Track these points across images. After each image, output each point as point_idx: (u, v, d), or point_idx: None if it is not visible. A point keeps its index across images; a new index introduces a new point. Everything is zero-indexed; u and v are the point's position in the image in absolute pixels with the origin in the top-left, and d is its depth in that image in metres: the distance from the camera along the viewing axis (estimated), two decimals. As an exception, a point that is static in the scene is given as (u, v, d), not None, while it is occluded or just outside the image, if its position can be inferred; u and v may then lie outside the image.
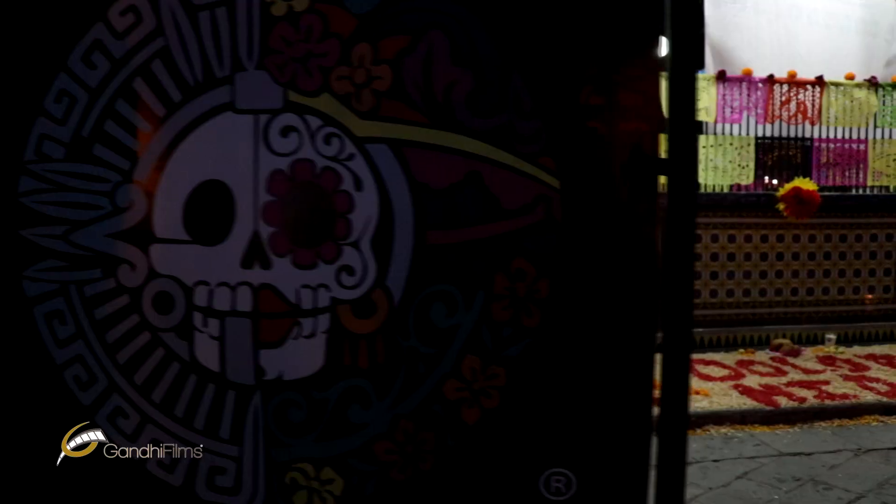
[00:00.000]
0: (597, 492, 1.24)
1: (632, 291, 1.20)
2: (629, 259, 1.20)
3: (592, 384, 1.22)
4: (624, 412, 1.22)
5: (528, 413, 1.23)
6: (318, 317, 1.27)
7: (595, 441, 1.23)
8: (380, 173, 1.24)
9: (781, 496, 3.10)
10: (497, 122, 1.21)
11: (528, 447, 1.24)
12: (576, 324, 1.22)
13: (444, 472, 1.26)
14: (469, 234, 1.22)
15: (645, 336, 1.21)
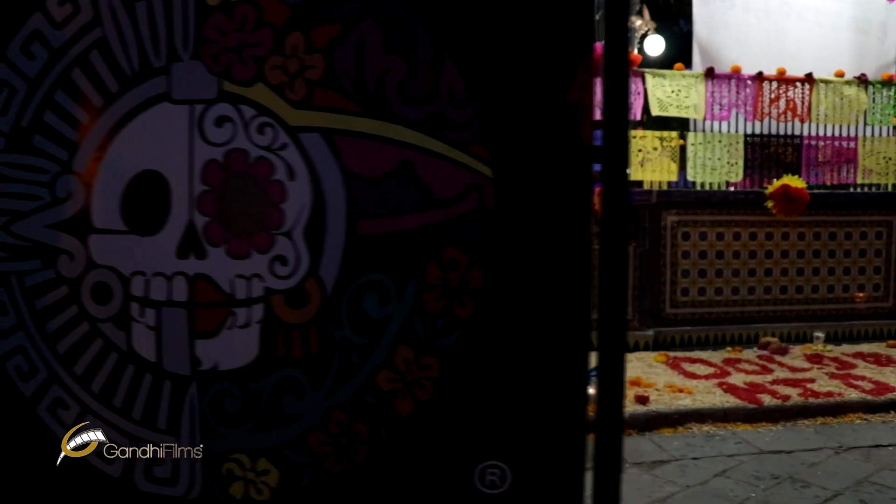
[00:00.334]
0: (532, 486, 1.23)
1: (566, 282, 1.19)
2: (563, 249, 1.19)
3: (527, 376, 1.21)
4: (559, 406, 1.21)
5: (463, 405, 1.23)
6: (252, 307, 1.27)
7: (530, 434, 1.22)
8: (312, 163, 1.24)
9: (758, 494, 3.09)
10: (429, 111, 1.20)
11: (463, 439, 1.23)
12: (510, 315, 1.21)
13: (378, 464, 1.25)
14: (401, 224, 1.22)
15: (579, 328, 1.20)
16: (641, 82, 5.32)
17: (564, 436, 1.22)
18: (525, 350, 1.21)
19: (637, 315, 5.31)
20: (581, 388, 1.21)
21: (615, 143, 1.16)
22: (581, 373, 1.21)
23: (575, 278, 1.19)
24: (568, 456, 1.22)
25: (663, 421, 3.86)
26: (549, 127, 1.18)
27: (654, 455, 3.51)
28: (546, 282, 1.20)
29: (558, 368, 1.21)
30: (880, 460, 3.45)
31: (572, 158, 1.18)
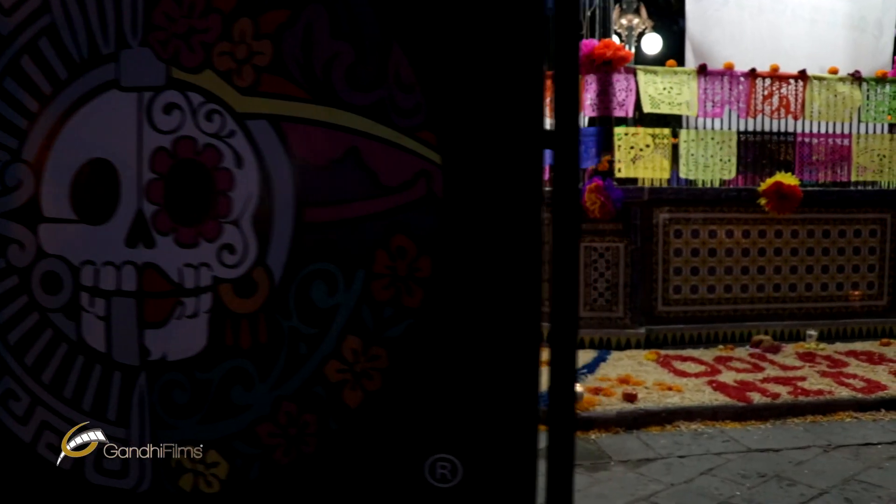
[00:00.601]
0: (484, 479, 1.21)
1: (517, 272, 1.17)
2: (514, 238, 1.17)
3: (477, 368, 1.19)
4: (510, 398, 1.19)
5: (412, 397, 1.20)
6: (201, 296, 1.25)
7: (481, 427, 1.20)
8: (260, 150, 1.22)
9: (744, 492, 3.06)
10: (377, 96, 1.18)
11: (412, 432, 1.21)
12: (459, 305, 1.19)
13: (327, 456, 1.23)
14: (348, 212, 1.20)
15: (530, 319, 1.18)
16: (633, 79, 5.30)
17: (516, 429, 1.19)
18: (475, 341, 1.19)
19: (628, 313, 5.28)
20: (532, 380, 1.19)
21: (566, 127, 1.13)
22: (532, 365, 1.19)
23: (526, 268, 1.17)
24: (520, 449, 1.20)
25: (651, 419, 3.82)
26: (500, 112, 1.16)
27: (641, 453, 3.48)
28: (496, 271, 1.18)
29: (509, 360, 1.19)
30: (869, 458, 3.42)
31: (523, 144, 1.16)
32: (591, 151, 5.29)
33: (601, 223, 5.22)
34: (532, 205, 1.16)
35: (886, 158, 5.67)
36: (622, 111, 5.31)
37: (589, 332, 5.27)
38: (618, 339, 5.24)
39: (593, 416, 3.77)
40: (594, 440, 3.65)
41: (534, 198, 1.17)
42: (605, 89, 5.22)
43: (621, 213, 5.18)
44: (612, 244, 5.26)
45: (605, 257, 5.28)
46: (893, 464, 3.35)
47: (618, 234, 5.25)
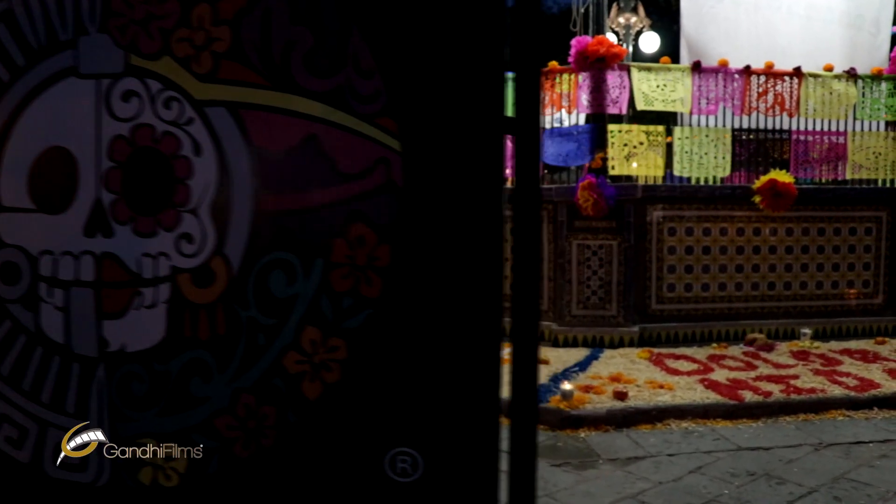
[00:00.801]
0: (445, 474, 1.18)
1: (478, 261, 1.15)
2: (475, 226, 1.15)
3: (437, 360, 1.17)
4: (471, 391, 1.17)
5: (371, 389, 1.18)
6: (159, 286, 1.23)
7: (442, 421, 1.17)
8: (218, 138, 1.20)
9: (732, 491, 3.03)
10: (336, 83, 1.16)
11: (372, 425, 1.19)
12: (419, 295, 1.16)
13: (286, 449, 1.21)
14: (307, 200, 1.18)
15: (492, 310, 1.16)
16: (627, 76, 5.27)
17: (478, 423, 1.17)
18: (436, 332, 1.16)
19: (622, 311, 5.26)
20: (493, 373, 1.16)
21: (527, 113, 1.11)
22: (493, 357, 1.16)
23: (487, 257, 1.15)
24: (482, 443, 1.17)
25: (641, 417, 3.80)
26: (460, 98, 1.14)
27: (630, 451, 3.46)
28: (457, 261, 1.15)
29: (470, 352, 1.16)
30: (860, 457, 3.39)
31: (484, 131, 1.14)
32: (585, 149, 5.27)
33: (594, 221, 5.19)
34: (493, 193, 1.14)
35: (882, 156, 5.64)
36: (616, 108, 5.29)
37: (582, 331, 5.25)
38: (611, 338, 5.21)
39: (583, 415, 3.75)
40: (583, 438, 3.63)
41: (495, 185, 1.15)
42: (598, 86, 5.20)
43: (615, 211, 5.15)
44: (605, 242, 5.24)
45: (598, 255, 5.25)
46: (884, 462, 3.32)
47: (611, 232, 5.22)
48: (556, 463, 3.31)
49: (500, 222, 1.14)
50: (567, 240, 5.28)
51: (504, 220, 1.15)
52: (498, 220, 1.14)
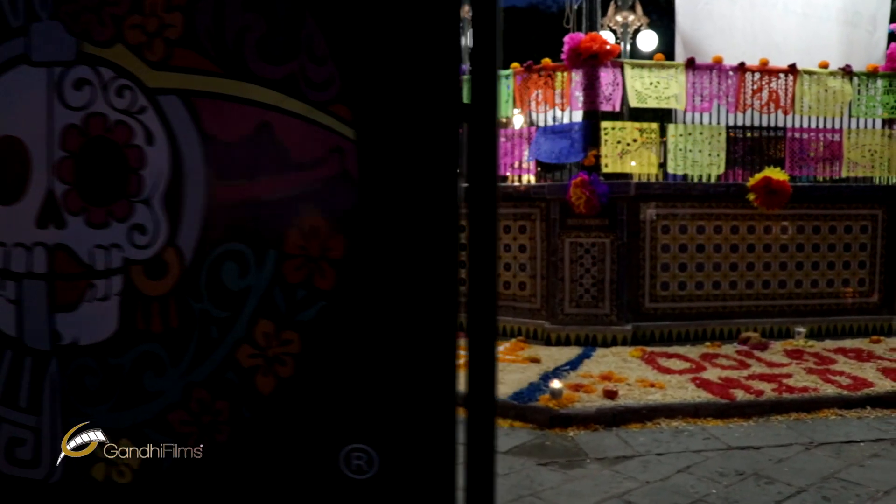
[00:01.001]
0: (401, 471, 1.15)
1: (433, 253, 1.12)
2: (430, 216, 1.12)
3: (392, 355, 1.14)
4: (427, 386, 1.14)
5: (325, 383, 1.15)
6: (112, 278, 1.21)
7: (397, 417, 1.14)
8: (171, 127, 1.17)
9: (720, 490, 2.99)
10: (289, 69, 1.14)
11: (327, 421, 1.16)
12: (373, 287, 1.14)
13: (240, 445, 1.18)
14: (260, 190, 1.15)
15: (448, 303, 1.13)
16: (620, 73, 5.24)
17: (434, 418, 1.14)
18: (390, 326, 1.13)
19: (615, 309, 5.22)
20: (450, 368, 1.14)
21: (483, 99, 1.08)
22: (449, 352, 1.13)
23: (442, 248, 1.12)
24: (438, 439, 1.14)
25: (631, 416, 3.76)
26: (415, 84, 1.11)
27: (618, 450, 3.42)
28: (412, 252, 1.12)
29: (426, 346, 1.13)
30: (850, 456, 3.35)
31: (439, 118, 1.11)
32: (578, 146, 5.23)
33: (587, 218, 5.16)
34: (449, 182, 1.11)
35: (878, 154, 5.59)
36: (609, 105, 5.25)
37: (575, 329, 5.21)
38: (604, 336, 5.18)
39: (572, 413, 3.72)
40: (572, 437, 3.60)
41: (450, 175, 1.12)
42: (591, 83, 5.16)
43: (607, 209, 5.11)
44: (598, 240, 5.20)
45: (590, 253, 5.22)
46: (875, 461, 3.28)
47: (604, 230, 5.19)
48: (543, 462, 3.27)
49: (456, 212, 1.11)
50: (560, 238, 5.24)
51: (460, 210, 1.12)
52: (454, 210, 1.11)
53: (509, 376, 4.34)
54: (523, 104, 5.49)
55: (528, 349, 5.05)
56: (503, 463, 3.27)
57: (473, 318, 1.11)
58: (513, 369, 4.50)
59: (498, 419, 3.84)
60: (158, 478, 1.22)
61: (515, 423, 3.75)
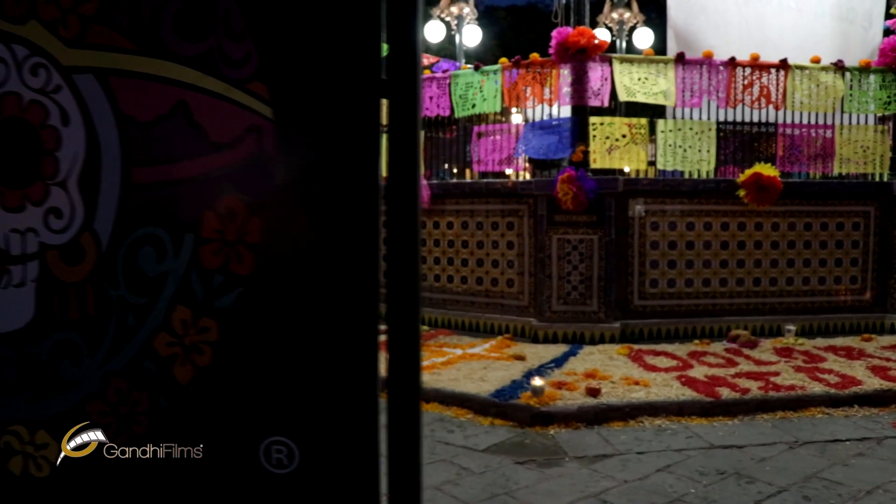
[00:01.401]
0: (323, 465, 1.11)
1: (353, 234, 1.07)
2: (349, 198, 1.07)
3: (312, 343, 1.09)
4: (348, 377, 1.09)
5: (243, 373, 1.11)
6: (28, 264, 1.16)
7: (318, 408, 1.10)
8: (87, 106, 1.13)
9: (699, 490, 2.94)
10: (206, 46, 1.09)
11: (246, 412, 1.11)
12: (292, 273, 1.09)
13: (158, 437, 1.14)
14: (177, 171, 1.10)
15: (369, 287, 1.08)
16: (609, 68, 5.18)
17: (355, 410, 1.09)
18: (310, 313, 1.09)
19: (602, 307, 5.16)
20: (372, 358, 1.09)
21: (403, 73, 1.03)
22: (371, 341, 1.08)
23: (363, 230, 1.07)
24: (360, 432, 1.10)
25: (614, 414, 3.71)
26: (332, 60, 1.06)
27: (598, 449, 3.37)
28: (332, 235, 1.08)
29: (347, 334, 1.09)
30: (835, 455, 3.29)
31: (358, 95, 1.06)
32: (566, 141, 5.18)
33: (575, 215, 5.10)
34: (369, 161, 1.06)
35: (870, 150, 5.52)
36: (598, 101, 5.20)
37: (562, 327, 5.16)
38: (591, 334, 5.12)
39: (553, 411, 3.66)
40: (552, 435, 3.54)
41: (371, 153, 1.07)
42: (579, 78, 5.11)
43: (595, 205, 5.06)
44: (585, 236, 5.14)
45: (578, 250, 5.16)
46: (859, 461, 3.22)
47: (592, 226, 5.13)
48: (521, 460, 3.22)
49: (377, 193, 1.07)
50: (547, 234, 5.19)
51: (380, 191, 1.07)
52: (374, 191, 1.06)
53: (493, 374, 4.29)
54: (511, 100, 5.44)
55: (513, 347, 5.00)
56: (480, 461, 3.22)
57: (395, 304, 1.06)
58: (497, 367, 4.45)
59: (478, 417, 3.78)
60: (76, 471, 1.17)
61: (496, 421, 3.70)
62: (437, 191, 5.74)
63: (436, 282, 5.90)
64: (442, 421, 3.76)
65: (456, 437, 3.52)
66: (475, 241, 5.65)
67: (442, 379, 4.19)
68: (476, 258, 5.64)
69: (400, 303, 1.06)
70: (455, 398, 3.90)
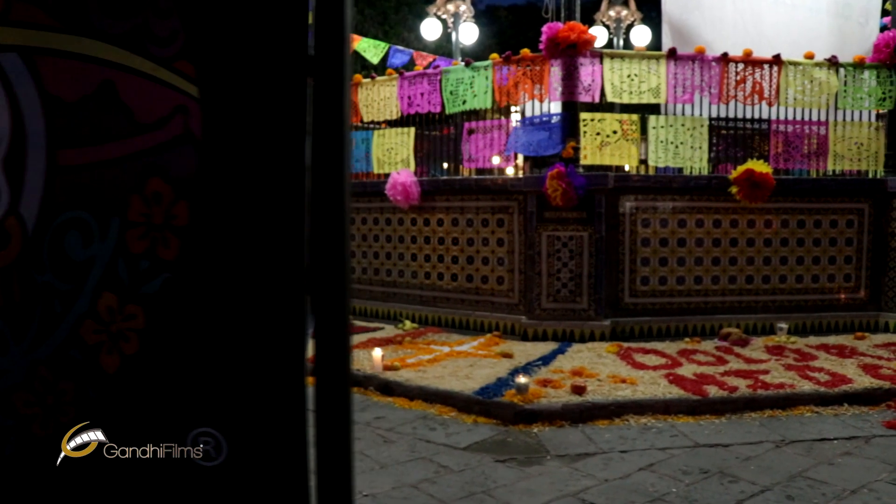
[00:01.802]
0: (251, 457, 1.07)
1: (281, 220, 1.04)
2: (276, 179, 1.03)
3: (240, 331, 1.05)
4: (276, 366, 1.05)
5: (170, 362, 1.07)
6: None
7: (246, 398, 1.06)
8: (11, 86, 1.09)
9: (680, 489, 2.89)
10: (133, 23, 1.05)
11: (173, 402, 1.08)
12: (219, 258, 1.05)
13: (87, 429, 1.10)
14: (102, 153, 1.07)
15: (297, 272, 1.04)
16: (599, 63, 5.13)
17: (283, 400, 1.05)
18: (236, 299, 1.05)
19: (592, 304, 5.11)
20: (300, 347, 1.05)
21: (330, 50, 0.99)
22: (300, 328, 1.05)
23: (290, 212, 1.03)
24: (289, 423, 1.06)
25: (599, 412, 3.66)
26: (259, 37, 1.02)
27: (581, 447, 3.32)
28: (258, 218, 1.04)
29: (274, 321, 1.05)
30: (821, 454, 3.24)
31: (285, 73, 1.02)
32: (557, 137, 5.13)
33: (564, 211, 5.06)
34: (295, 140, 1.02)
35: (864, 147, 5.46)
36: (588, 96, 5.15)
37: (552, 324, 5.11)
38: (581, 332, 5.08)
39: (537, 409, 3.62)
40: (535, 433, 3.50)
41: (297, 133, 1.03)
42: (570, 74, 5.06)
43: (585, 201, 5.01)
44: (575, 233, 5.10)
45: (568, 247, 5.12)
46: (846, 460, 3.17)
47: (582, 223, 5.08)
48: (502, 459, 3.18)
49: (303, 174, 1.03)
50: (537, 231, 5.14)
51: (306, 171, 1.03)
52: (300, 172, 1.02)
53: (479, 371, 4.25)
54: (502, 96, 5.39)
55: (502, 344, 4.95)
56: (460, 459, 3.18)
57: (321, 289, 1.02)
58: (483, 364, 4.41)
59: (462, 415, 3.72)
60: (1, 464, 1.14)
61: (479, 419, 3.66)
62: (428, 187, 5.71)
63: (426, 279, 5.86)
64: (425, 419, 3.72)
65: (438, 434, 3.48)
66: (465, 238, 5.61)
67: (427, 376, 4.15)
68: (466, 255, 5.60)
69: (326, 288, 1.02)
70: (439, 396, 3.86)
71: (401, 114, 5.96)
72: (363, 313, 6.25)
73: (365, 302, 6.27)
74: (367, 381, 4.21)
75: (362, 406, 3.97)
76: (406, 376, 4.15)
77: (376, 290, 6.22)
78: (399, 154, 5.99)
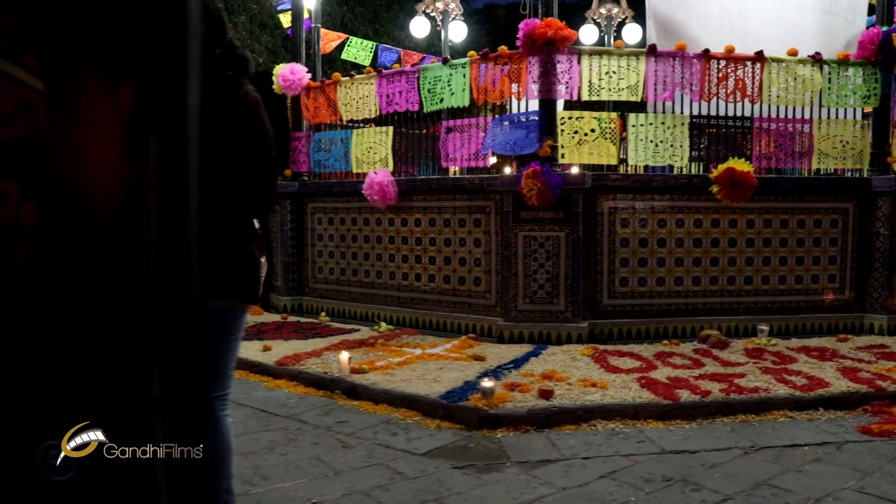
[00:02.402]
0: (102, 472, 1.00)
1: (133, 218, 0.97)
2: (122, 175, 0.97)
3: (89, 338, 0.99)
4: (127, 374, 0.99)
5: (16, 370, 1.01)
6: None
7: (94, 409, 1.00)
8: None
9: (639, 498, 2.80)
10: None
11: (22, 413, 1.01)
12: (68, 261, 0.99)
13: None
14: (-58, 152, 1.00)
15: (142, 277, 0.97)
16: (577, 60, 5.05)
17: (133, 412, 0.99)
18: (87, 305, 0.98)
19: (570, 306, 5.03)
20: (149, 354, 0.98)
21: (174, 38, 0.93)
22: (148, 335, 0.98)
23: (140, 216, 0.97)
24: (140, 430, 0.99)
25: (566, 417, 3.58)
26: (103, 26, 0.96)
27: (543, 454, 3.24)
28: (105, 216, 0.97)
29: (124, 328, 0.98)
30: (791, 461, 3.15)
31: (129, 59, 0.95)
32: (534, 136, 5.05)
33: (541, 211, 4.98)
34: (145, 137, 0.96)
35: (849, 145, 5.36)
36: (566, 94, 5.07)
37: (528, 326, 5.04)
38: (558, 334, 5.00)
39: (502, 414, 3.54)
40: (499, 439, 3.42)
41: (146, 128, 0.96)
42: (547, 71, 4.98)
43: (562, 201, 4.93)
44: (552, 233, 5.02)
45: (545, 247, 5.04)
46: (815, 466, 3.09)
47: (558, 223, 5.00)
48: (460, 465, 3.10)
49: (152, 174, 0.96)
50: (513, 231, 5.07)
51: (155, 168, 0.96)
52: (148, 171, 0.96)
53: (447, 374, 4.17)
54: (479, 94, 5.31)
55: (476, 347, 4.88)
56: (417, 466, 3.11)
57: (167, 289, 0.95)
58: (453, 367, 4.33)
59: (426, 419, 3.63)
60: None
61: (443, 424, 3.59)
62: (405, 187, 5.63)
63: (404, 280, 5.79)
64: (388, 423, 3.64)
65: (398, 440, 3.40)
66: (443, 238, 5.53)
67: (394, 380, 4.08)
68: (444, 256, 5.53)
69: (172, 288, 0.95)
70: (404, 399, 3.79)
71: (379, 112, 5.89)
72: (341, 315, 6.18)
73: (343, 303, 6.20)
74: (334, 384, 4.14)
75: (326, 410, 3.90)
76: (373, 379, 4.08)
77: (354, 291, 6.15)
78: (378, 153, 5.92)
